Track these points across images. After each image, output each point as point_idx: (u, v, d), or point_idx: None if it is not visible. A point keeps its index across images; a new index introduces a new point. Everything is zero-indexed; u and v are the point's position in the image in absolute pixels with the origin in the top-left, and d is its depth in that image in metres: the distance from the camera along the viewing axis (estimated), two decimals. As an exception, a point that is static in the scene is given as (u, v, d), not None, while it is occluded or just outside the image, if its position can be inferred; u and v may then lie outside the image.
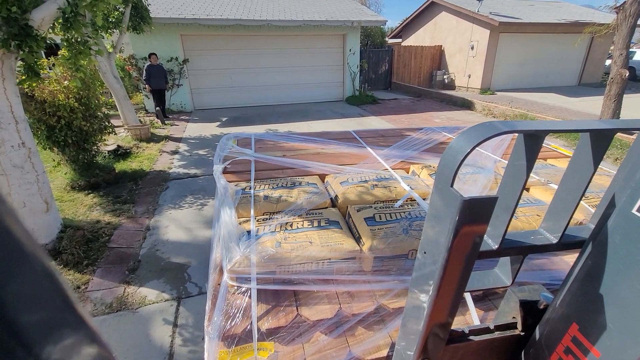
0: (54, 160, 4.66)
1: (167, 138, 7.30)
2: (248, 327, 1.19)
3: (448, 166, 0.57)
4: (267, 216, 1.66)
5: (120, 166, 5.52)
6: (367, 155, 2.51)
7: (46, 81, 4.17)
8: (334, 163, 2.28)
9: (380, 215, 1.58)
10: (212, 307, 1.29)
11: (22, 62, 2.76)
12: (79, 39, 3.29)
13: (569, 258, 1.52)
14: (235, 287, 1.31)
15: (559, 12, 14.33)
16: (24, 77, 2.70)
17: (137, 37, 8.93)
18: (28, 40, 2.57)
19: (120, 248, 3.42)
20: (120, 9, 6.56)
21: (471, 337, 0.78)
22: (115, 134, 5.49)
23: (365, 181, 1.94)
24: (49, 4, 2.68)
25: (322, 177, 2.14)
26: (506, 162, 0.83)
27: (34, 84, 2.92)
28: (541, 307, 0.79)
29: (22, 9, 2.56)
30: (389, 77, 15.30)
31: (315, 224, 1.55)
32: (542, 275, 1.41)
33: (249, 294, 1.28)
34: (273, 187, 1.90)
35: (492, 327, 0.81)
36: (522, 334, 0.80)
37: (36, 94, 4.09)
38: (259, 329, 1.19)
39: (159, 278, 3.00)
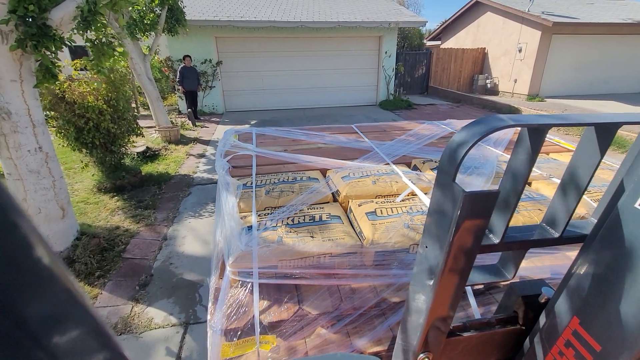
0: (82, 162, 4.66)
1: (196, 140, 7.26)
2: (250, 321, 1.19)
3: (450, 160, 0.56)
4: (269, 211, 1.65)
5: (147, 168, 5.48)
6: (369, 149, 2.44)
7: (76, 82, 4.16)
8: (336, 158, 2.23)
9: (381, 210, 1.56)
10: (214, 301, 1.27)
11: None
12: (103, 40, 3.16)
13: (571, 253, 1.49)
14: (237, 281, 1.30)
15: (623, 11, 12.88)
16: (40, 79, 2.57)
17: (173, 40, 9.06)
18: (45, 40, 2.43)
19: (135, 259, 3.25)
20: (156, 11, 6.60)
21: (472, 331, 0.77)
22: (144, 136, 5.45)
23: (367, 176, 1.91)
24: (67, 3, 2.55)
25: (324, 171, 2.11)
26: (508, 156, 0.82)
27: (53, 86, 2.80)
28: (542, 301, 0.77)
29: (41, 8, 2.43)
30: (425, 81, 14.58)
31: (317, 218, 1.54)
32: (544, 269, 1.39)
33: (250, 288, 1.27)
34: (274, 182, 1.88)
35: (493, 320, 0.80)
36: (523, 327, 0.79)
37: (67, 96, 4.08)
38: (261, 323, 1.20)
39: (168, 297, 2.77)
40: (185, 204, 4.39)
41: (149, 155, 5.96)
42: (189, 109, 8.61)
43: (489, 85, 13.82)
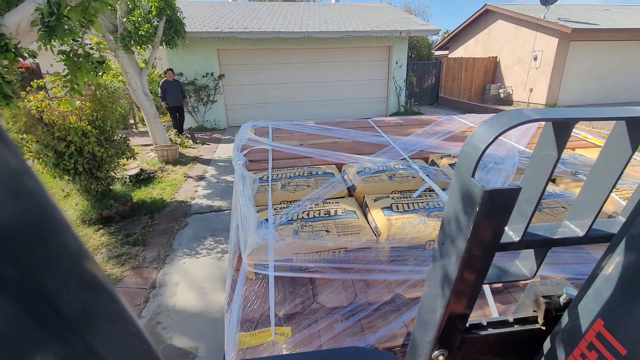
0: (63, 190, 4.10)
1: (196, 160, 6.70)
2: (266, 312, 1.21)
3: (469, 155, 0.54)
4: (285, 205, 1.64)
5: (140, 194, 4.91)
6: (385, 144, 2.39)
7: (55, 101, 3.63)
8: (352, 152, 2.21)
9: (397, 205, 1.55)
10: (231, 292, 1.30)
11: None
12: (79, 52, 2.63)
13: (597, 253, 1.40)
14: (253, 274, 1.31)
15: (641, 16, 12.37)
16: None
17: (173, 53, 8.64)
18: (-8, 51, 1.88)
19: (114, 317, 2.64)
20: (153, 23, 6.15)
21: (489, 330, 0.74)
22: (135, 159, 4.90)
23: (383, 171, 1.89)
24: (25, 4, 2.00)
25: (339, 166, 2.11)
26: (531, 151, 0.71)
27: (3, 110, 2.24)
28: (564, 301, 0.73)
29: (-9, 12, 1.89)
30: (435, 91, 14.06)
31: (332, 213, 1.53)
32: (566, 269, 1.33)
33: (266, 280, 1.28)
34: (290, 176, 1.87)
35: (511, 320, 0.75)
36: (543, 328, 0.75)
37: (44, 116, 3.55)
38: (276, 315, 1.20)
39: (152, 377, 2.14)
40: (180, 238, 3.79)
41: (143, 178, 5.40)
42: (189, 126, 8.09)
43: (502, 95, 13.27)
